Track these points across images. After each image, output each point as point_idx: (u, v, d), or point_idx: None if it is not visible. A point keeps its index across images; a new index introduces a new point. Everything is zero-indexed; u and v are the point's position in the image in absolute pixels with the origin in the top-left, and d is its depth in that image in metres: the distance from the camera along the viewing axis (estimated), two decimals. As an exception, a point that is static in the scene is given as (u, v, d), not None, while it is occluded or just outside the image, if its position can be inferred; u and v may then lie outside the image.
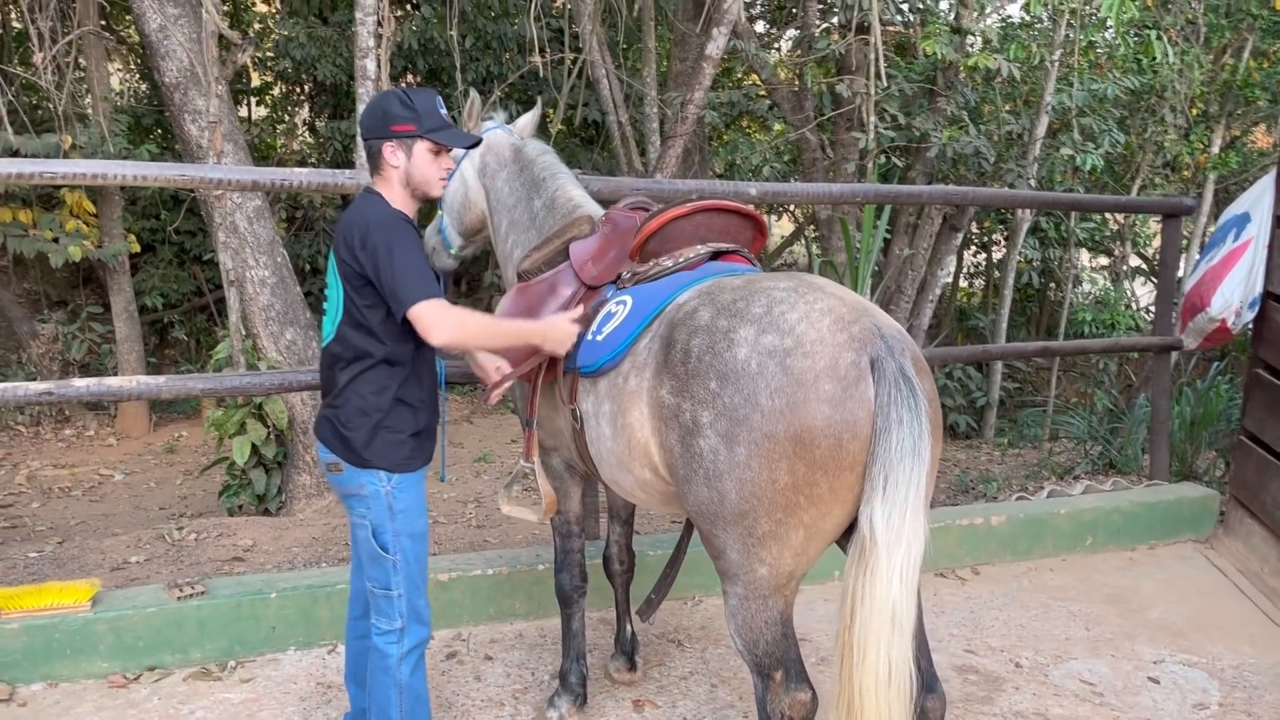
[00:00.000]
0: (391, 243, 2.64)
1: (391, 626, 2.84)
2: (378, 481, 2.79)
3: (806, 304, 2.41)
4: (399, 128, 2.75)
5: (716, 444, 2.38)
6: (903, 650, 2.29)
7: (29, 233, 7.89)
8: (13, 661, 3.51)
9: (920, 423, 2.26)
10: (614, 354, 2.76)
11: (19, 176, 3.43)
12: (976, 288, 15.28)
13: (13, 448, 8.19)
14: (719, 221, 3.01)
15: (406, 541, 2.83)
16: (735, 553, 2.45)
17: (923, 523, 2.29)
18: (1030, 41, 8.68)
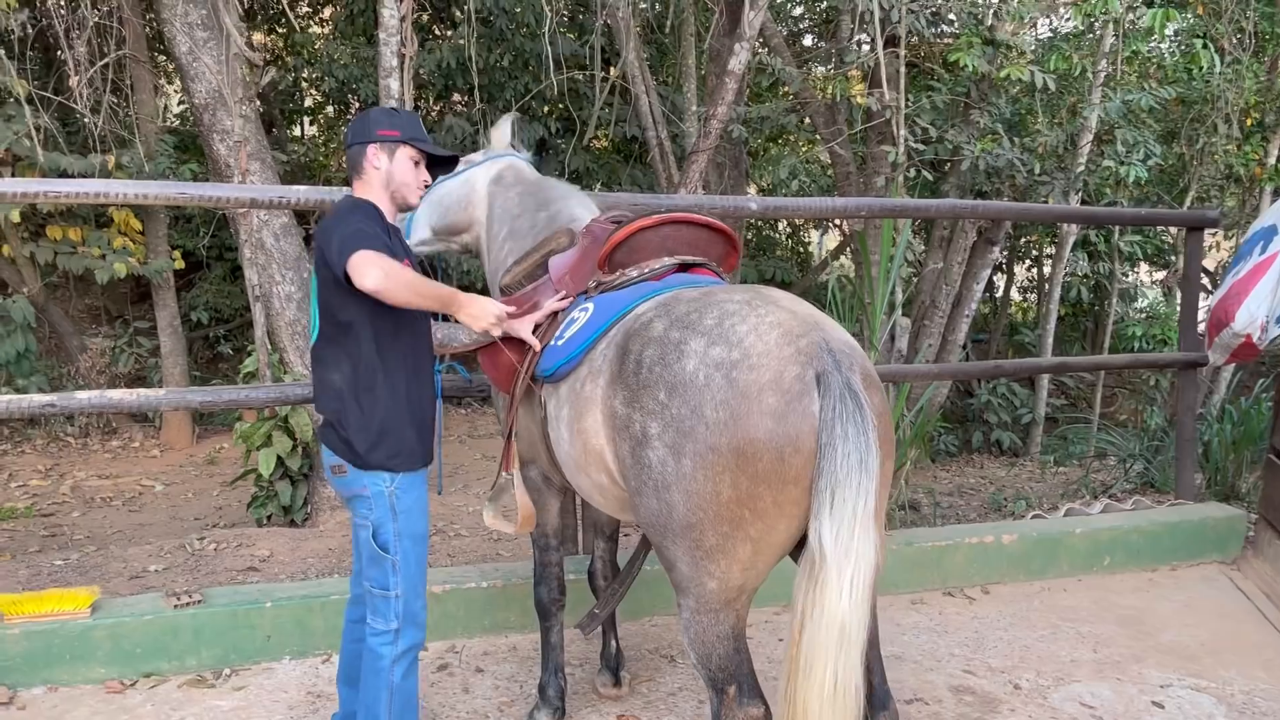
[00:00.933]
0: (342, 213, 2.75)
1: (387, 627, 2.86)
2: (381, 482, 2.83)
3: (757, 316, 2.40)
4: (384, 132, 2.87)
5: (664, 455, 2.38)
6: (850, 665, 2.25)
7: (78, 250, 8.17)
8: (13, 666, 3.62)
9: (867, 437, 2.23)
10: (570, 357, 2.80)
11: (22, 196, 3.56)
12: (1031, 302, 15.03)
13: (61, 458, 8.45)
14: (687, 234, 3.01)
15: (407, 543, 2.86)
16: (685, 565, 2.44)
17: (873, 537, 2.25)
18: (1072, 52, 8.54)
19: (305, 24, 12.35)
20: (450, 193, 3.70)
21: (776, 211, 4.78)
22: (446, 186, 3.71)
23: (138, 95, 8.72)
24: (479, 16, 10.27)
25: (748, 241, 13.64)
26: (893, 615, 4.46)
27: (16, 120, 7.07)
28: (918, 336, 8.40)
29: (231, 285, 11.00)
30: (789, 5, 13.41)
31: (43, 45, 9.88)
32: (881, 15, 7.28)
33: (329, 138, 12.57)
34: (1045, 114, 8.76)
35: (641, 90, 8.96)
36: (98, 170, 7.50)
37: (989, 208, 4.98)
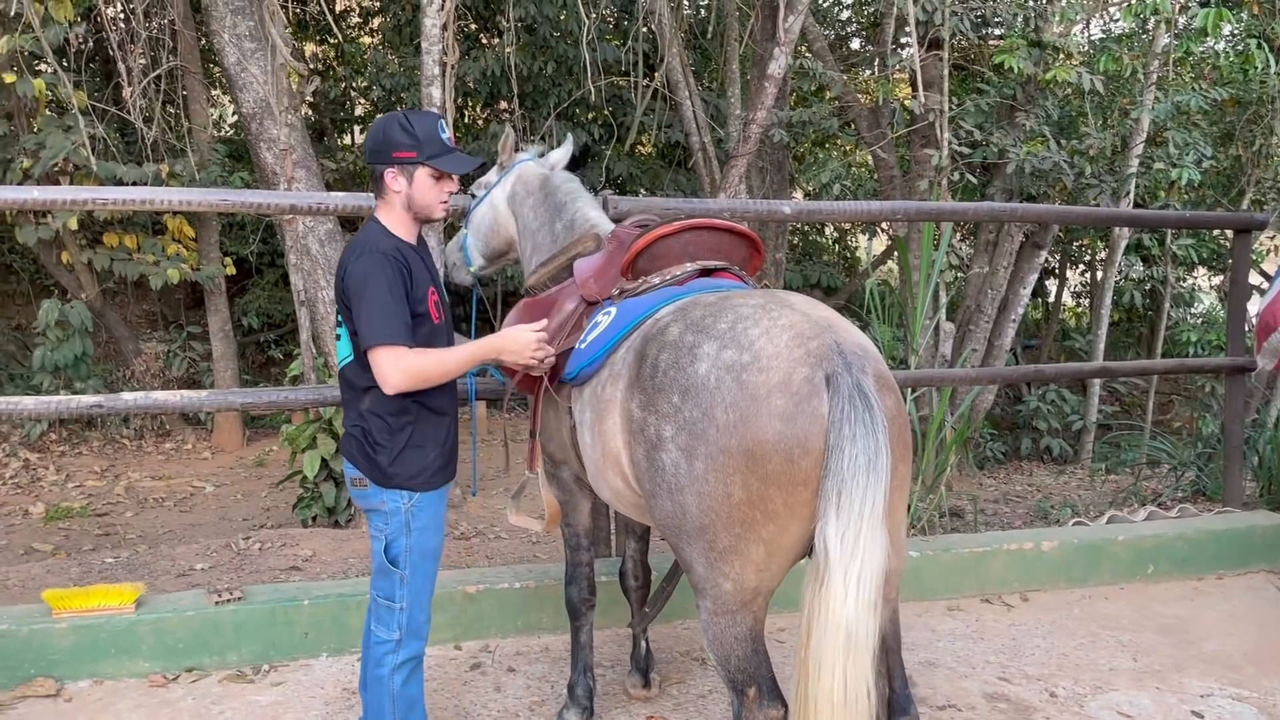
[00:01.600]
0: (366, 279, 2.71)
1: (389, 637, 2.91)
2: (399, 499, 2.86)
3: (770, 320, 2.41)
4: (400, 154, 2.81)
5: (678, 458, 2.40)
6: (860, 670, 2.24)
7: (133, 256, 8.38)
8: (61, 659, 3.72)
9: (877, 439, 2.23)
10: (592, 360, 2.83)
11: (73, 203, 3.67)
12: (1084, 308, 14.78)
13: (116, 459, 8.67)
14: (709, 239, 3.03)
15: (417, 558, 2.89)
16: (700, 566, 2.46)
17: (881, 539, 2.24)
18: (1122, 52, 8.41)
19: (355, 34, 12.57)
20: (483, 219, 3.75)
21: (811, 215, 4.77)
22: (479, 213, 3.76)
23: (190, 105, 8.94)
24: (523, 25, 10.38)
25: (793, 246, 13.61)
26: (928, 621, 4.42)
27: (74, 131, 7.27)
28: (962, 341, 8.32)
29: (282, 291, 11.21)
30: (834, 9, 13.37)
31: (101, 58, 10.16)
32: (924, 18, 7.24)
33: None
34: (1095, 116, 8.64)
35: (684, 96, 8.99)
36: (151, 179, 7.70)
37: (1028, 211, 4.92)
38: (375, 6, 11.95)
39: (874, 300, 6.11)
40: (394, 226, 2.88)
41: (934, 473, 5.65)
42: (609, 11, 11.39)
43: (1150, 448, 8.21)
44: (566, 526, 3.47)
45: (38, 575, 5.25)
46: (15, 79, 7.48)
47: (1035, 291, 12.30)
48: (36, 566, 5.51)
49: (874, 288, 5.85)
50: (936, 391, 6.01)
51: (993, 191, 8.25)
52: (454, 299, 9.57)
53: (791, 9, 6.40)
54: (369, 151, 2.88)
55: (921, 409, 6.56)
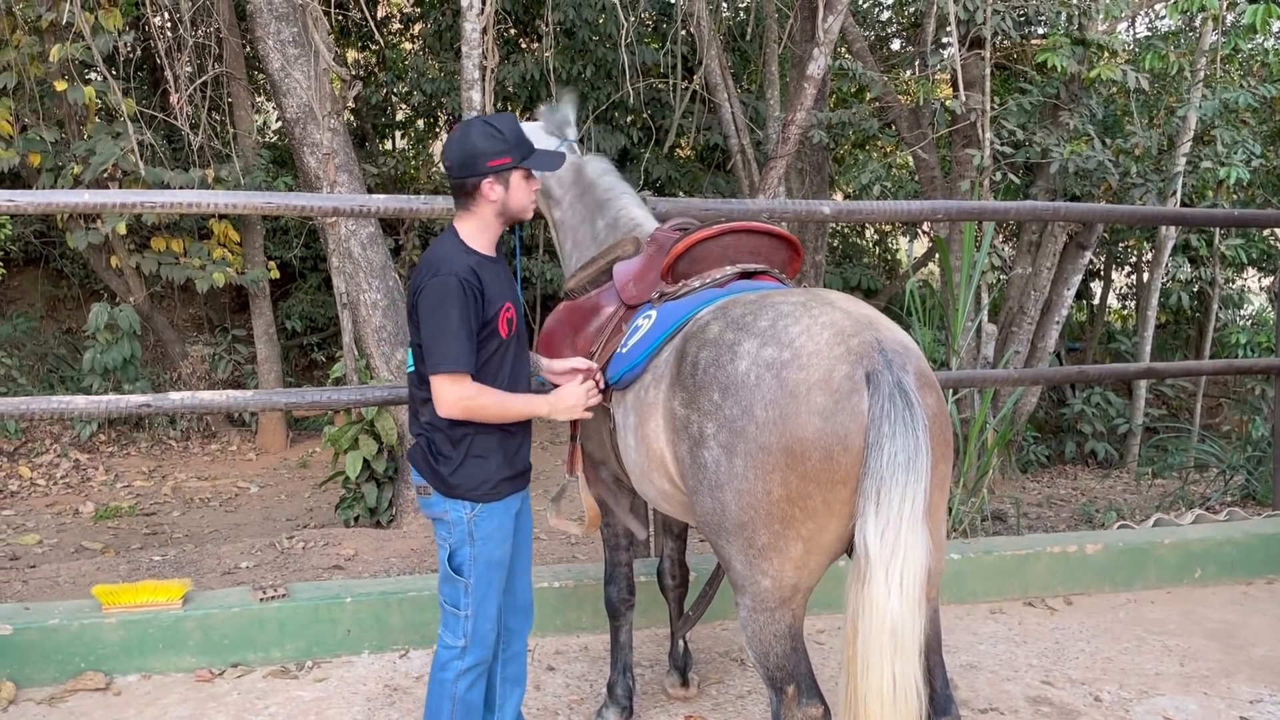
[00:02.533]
0: (437, 303, 2.66)
1: (455, 643, 2.89)
2: (462, 509, 2.82)
3: (810, 318, 2.41)
4: (496, 162, 2.72)
5: (718, 455, 2.40)
6: (908, 667, 2.23)
7: (180, 260, 8.53)
8: (110, 654, 3.80)
9: (917, 437, 2.22)
10: (634, 364, 2.84)
11: (121, 207, 3.75)
12: (1131, 310, 14.57)
13: (163, 460, 8.82)
14: (748, 242, 3.03)
15: (481, 567, 2.86)
16: (739, 563, 2.46)
17: (922, 537, 2.23)
18: (1169, 50, 8.29)
19: (396, 40, 12.70)
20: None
21: (850, 216, 4.75)
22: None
23: (235, 111, 9.08)
24: (562, 28, 10.43)
25: (833, 249, 13.55)
26: (970, 624, 4.38)
27: (123, 137, 7.42)
28: (1005, 343, 8.23)
29: (325, 295, 11.34)
30: (875, 10, 13.30)
31: (149, 66, 10.35)
32: (965, 17, 7.18)
33: (418, 150, 12.88)
34: (1141, 114, 8.53)
35: (723, 98, 8.99)
36: (197, 183, 7.83)
37: (1071, 210, 4.87)
38: (416, 13, 12.06)
39: (915, 302, 6.07)
40: (474, 238, 2.81)
41: (976, 475, 5.60)
42: (647, 14, 11.41)
43: (1198, 451, 8.07)
44: (606, 527, 3.48)
45: (88, 572, 5.36)
46: (66, 87, 7.65)
47: (1080, 293, 12.15)
48: (87, 564, 5.63)
49: (914, 289, 5.81)
50: (978, 393, 5.97)
51: (1036, 192, 8.16)
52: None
53: (831, 9, 6.37)
54: (458, 166, 2.74)
55: (963, 411, 6.51)
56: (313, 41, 5.82)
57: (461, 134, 2.76)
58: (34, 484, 8.08)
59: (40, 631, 3.73)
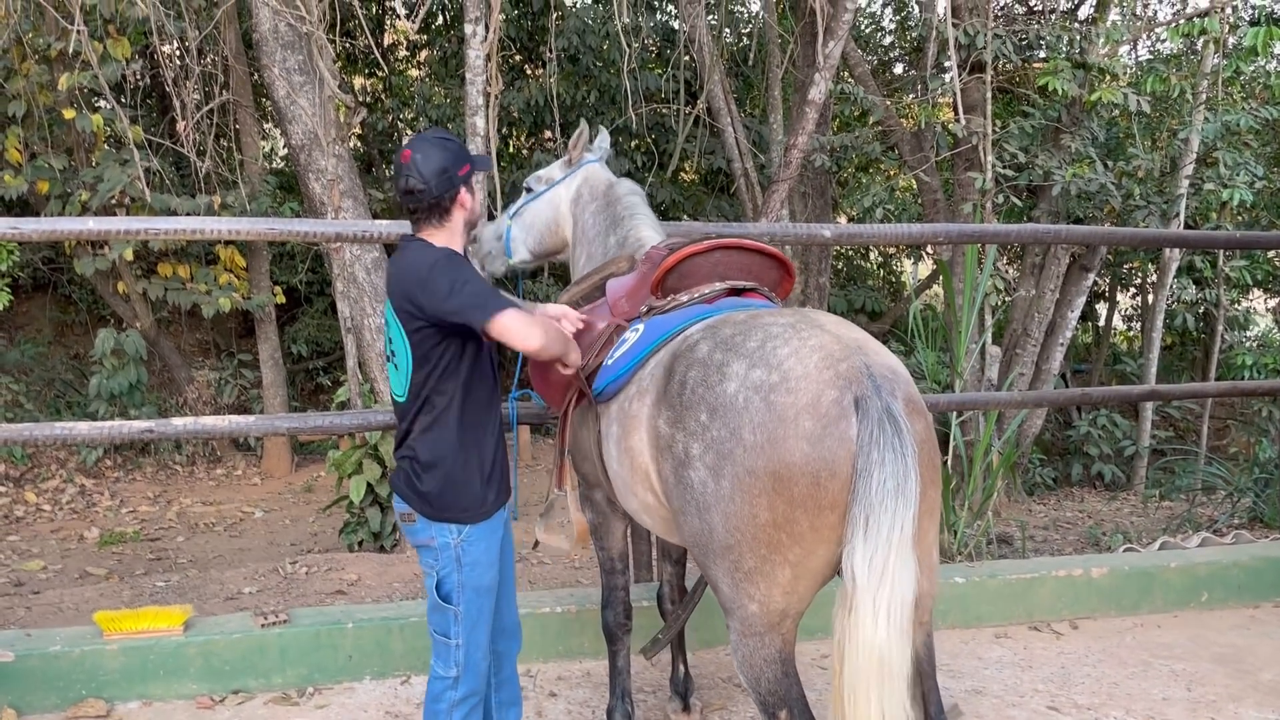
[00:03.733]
0: (454, 275, 2.66)
1: (447, 674, 2.86)
2: (448, 534, 2.81)
3: (800, 340, 2.40)
4: (464, 170, 2.78)
5: (705, 476, 2.40)
6: (895, 697, 2.22)
7: (186, 286, 8.58)
8: (111, 680, 3.79)
9: (906, 463, 2.21)
10: (618, 375, 2.84)
11: (126, 233, 3.78)
12: (1137, 331, 14.55)
13: (169, 485, 8.83)
14: (739, 260, 3.04)
15: (470, 594, 2.83)
16: (726, 586, 2.45)
17: (910, 565, 2.22)
18: (1170, 73, 8.33)
19: (402, 67, 12.80)
20: (540, 215, 3.70)
21: (852, 239, 4.77)
22: (535, 209, 3.71)
23: (242, 138, 9.16)
24: (566, 55, 10.51)
25: (837, 271, 13.56)
26: (975, 649, 4.35)
27: (131, 164, 7.47)
28: (1009, 365, 8.22)
29: (330, 319, 11.38)
30: (877, 35, 13.38)
31: (157, 94, 10.45)
32: (966, 42, 7.22)
33: (424, 175, 12.94)
34: (1143, 137, 8.55)
35: (726, 122, 9.04)
36: (204, 209, 7.88)
37: (1072, 232, 4.87)
38: (422, 40, 12.16)
39: (918, 324, 6.07)
40: (450, 245, 2.82)
41: (981, 498, 5.58)
42: (651, 41, 11.49)
43: (1205, 473, 8.04)
44: (600, 550, 3.46)
45: (91, 599, 5.36)
46: (75, 115, 7.71)
47: (1085, 315, 12.15)
48: (90, 590, 5.62)
49: (918, 311, 5.80)
50: (983, 416, 5.95)
51: (1039, 214, 8.17)
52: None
53: (832, 35, 6.42)
54: (436, 183, 2.73)
55: (968, 433, 6.49)
56: (318, 69, 5.87)
57: (423, 153, 2.74)
58: (40, 509, 8.09)
59: (42, 658, 3.72)
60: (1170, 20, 8.28)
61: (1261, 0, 8.53)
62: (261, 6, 5.84)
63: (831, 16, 6.55)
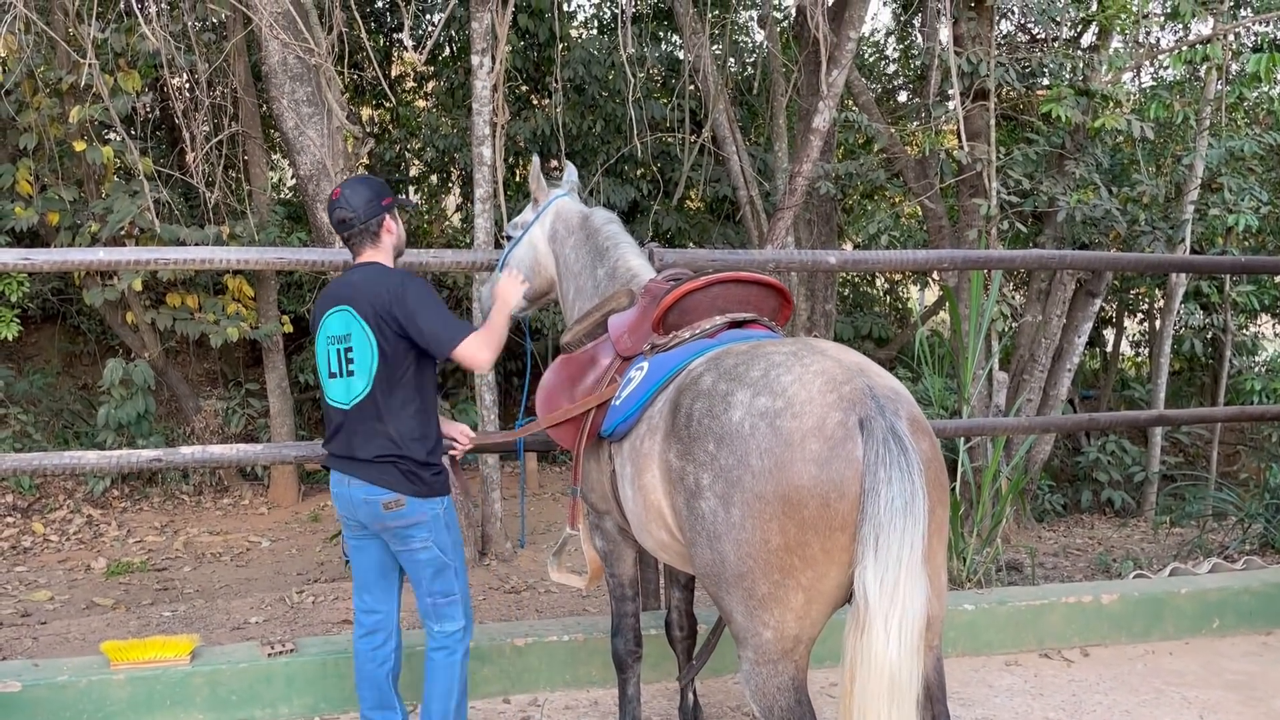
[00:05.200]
0: (423, 300, 3.11)
1: (457, 627, 3.30)
2: (437, 506, 3.21)
3: (802, 366, 2.43)
4: (387, 200, 3.28)
5: (715, 505, 2.41)
6: (904, 716, 2.21)
7: (195, 316, 8.61)
8: (118, 711, 3.78)
9: (913, 482, 2.22)
10: (627, 416, 2.86)
11: (135, 263, 3.80)
12: (1144, 357, 14.52)
13: (175, 515, 8.83)
14: (738, 292, 3.06)
15: (458, 550, 3.30)
16: (740, 615, 2.44)
17: (921, 583, 2.22)
18: (1174, 99, 8.37)
19: (410, 98, 12.90)
20: (523, 259, 3.78)
21: (857, 265, 4.78)
22: (518, 255, 3.79)
23: (250, 169, 9.22)
24: (571, 85, 10.59)
25: (843, 298, 13.58)
26: (985, 676, 4.33)
27: (140, 195, 7.53)
28: (1017, 391, 8.20)
29: (339, 349, 11.41)
30: (881, 63, 13.47)
31: (166, 125, 10.54)
32: (969, 69, 7.27)
33: (431, 205, 13.01)
34: (1147, 163, 8.57)
35: (731, 150, 9.09)
36: (212, 240, 7.91)
37: (1077, 258, 4.88)
38: (429, 71, 12.26)
39: (925, 350, 6.07)
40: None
41: (990, 524, 5.56)
42: (656, 70, 11.58)
43: (1215, 499, 7.99)
44: (611, 577, 3.47)
45: (98, 629, 5.35)
46: (85, 147, 7.78)
47: (1093, 341, 12.14)
48: (97, 620, 5.62)
49: (924, 338, 5.81)
50: (991, 442, 5.94)
51: (1044, 240, 8.19)
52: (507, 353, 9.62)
53: (835, 63, 6.47)
54: (364, 211, 3.21)
55: (976, 459, 6.47)
56: (326, 100, 5.92)
57: (351, 189, 3.25)
58: (47, 540, 8.08)
59: (49, 688, 3.71)
60: (1173, 47, 8.31)
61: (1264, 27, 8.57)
62: (270, 39, 5.89)
63: (835, 45, 6.60)
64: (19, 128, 7.98)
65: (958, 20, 7.53)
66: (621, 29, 6.95)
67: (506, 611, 5.82)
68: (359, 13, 6.57)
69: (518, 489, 8.58)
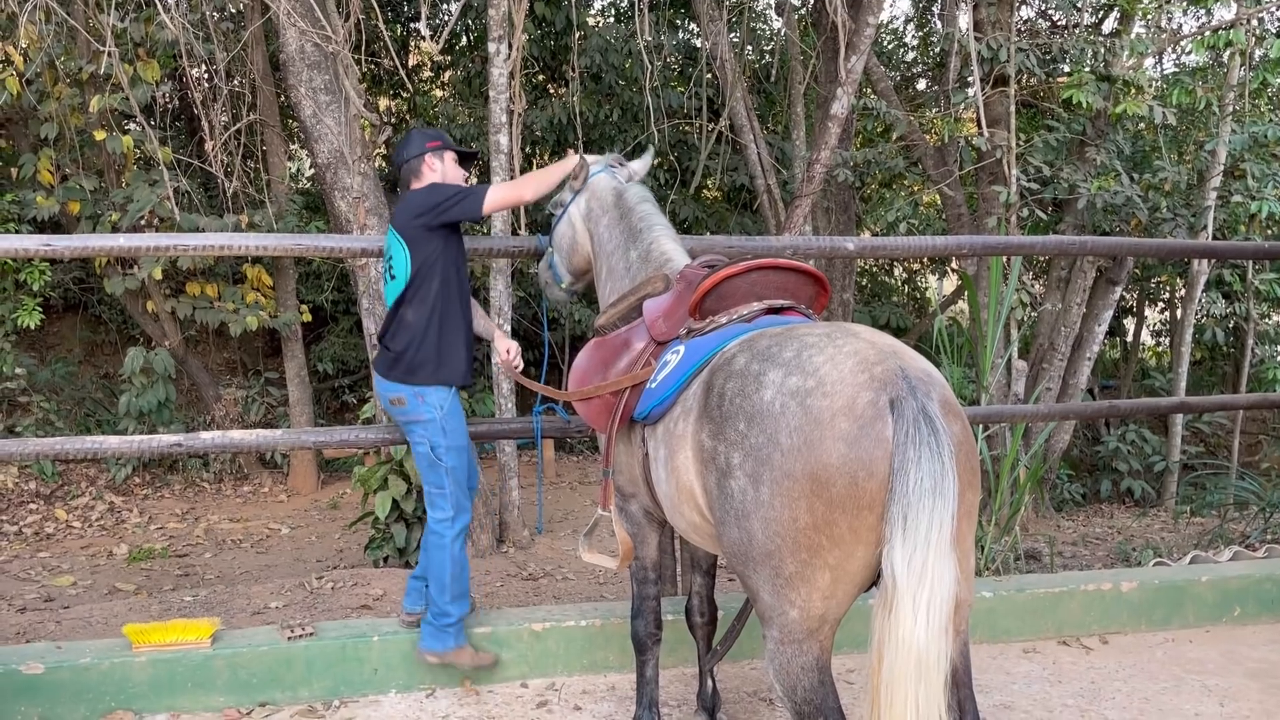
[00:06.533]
0: (437, 190, 3.67)
1: (446, 515, 3.74)
2: (432, 410, 3.65)
3: (835, 347, 2.42)
4: (431, 144, 3.79)
5: (745, 484, 2.41)
6: (933, 696, 2.20)
7: (214, 305, 8.67)
8: (140, 693, 3.81)
9: (942, 462, 2.21)
10: (663, 399, 2.86)
11: (155, 249, 3.83)
12: (1165, 346, 14.41)
13: (196, 502, 8.90)
14: (775, 279, 3.05)
15: (454, 453, 3.71)
16: (766, 594, 2.44)
17: (950, 565, 2.21)
18: (1196, 85, 8.28)
19: (427, 87, 12.92)
20: (564, 236, 3.81)
21: (875, 251, 4.76)
22: (560, 231, 3.83)
23: (269, 158, 9.26)
24: (588, 73, 10.58)
25: (861, 287, 13.54)
26: (1004, 664, 4.31)
27: (160, 185, 7.57)
28: (1036, 379, 8.16)
29: (355, 338, 11.46)
30: (900, 50, 13.39)
31: (185, 115, 10.59)
32: (989, 55, 7.22)
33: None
34: (1169, 149, 8.50)
35: (749, 139, 9.06)
36: (231, 228, 7.96)
37: (1098, 244, 4.84)
38: (446, 60, 12.28)
39: (943, 339, 6.05)
40: None
41: (1008, 513, 5.54)
42: (673, 58, 11.55)
43: (1237, 489, 7.94)
44: (634, 559, 3.47)
45: (120, 613, 5.40)
46: (105, 136, 7.84)
47: (1112, 330, 12.06)
48: (119, 605, 5.67)
49: (943, 326, 5.78)
50: (1009, 430, 5.91)
51: (1064, 227, 8.13)
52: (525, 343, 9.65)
53: (854, 50, 6.43)
54: (405, 154, 3.80)
55: (994, 448, 6.45)
56: (344, 89, 5.93)
57: (402, 141, 3.87)
58: (69, 526, 8.17)
59: (71, 670, 3.75)
60: (1195, 33, 8.24)
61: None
62: (288, 28, 5.91)
63: (853, 32, 6.56)
64: (40, 117, 8.04)
65: (978, 6, 7.48)
66: (639, 16, 6.92)
67: (524, 598, 5.84)
68: (376, 1, 6.57)
69: (535, 477, 8.61)
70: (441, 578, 3.75)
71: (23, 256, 4.23)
